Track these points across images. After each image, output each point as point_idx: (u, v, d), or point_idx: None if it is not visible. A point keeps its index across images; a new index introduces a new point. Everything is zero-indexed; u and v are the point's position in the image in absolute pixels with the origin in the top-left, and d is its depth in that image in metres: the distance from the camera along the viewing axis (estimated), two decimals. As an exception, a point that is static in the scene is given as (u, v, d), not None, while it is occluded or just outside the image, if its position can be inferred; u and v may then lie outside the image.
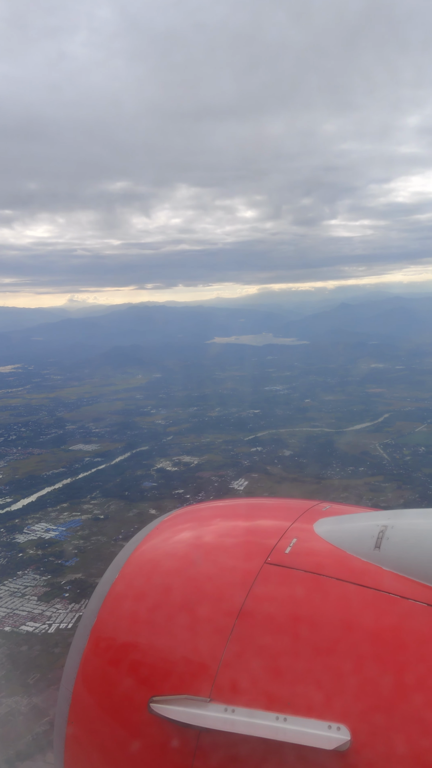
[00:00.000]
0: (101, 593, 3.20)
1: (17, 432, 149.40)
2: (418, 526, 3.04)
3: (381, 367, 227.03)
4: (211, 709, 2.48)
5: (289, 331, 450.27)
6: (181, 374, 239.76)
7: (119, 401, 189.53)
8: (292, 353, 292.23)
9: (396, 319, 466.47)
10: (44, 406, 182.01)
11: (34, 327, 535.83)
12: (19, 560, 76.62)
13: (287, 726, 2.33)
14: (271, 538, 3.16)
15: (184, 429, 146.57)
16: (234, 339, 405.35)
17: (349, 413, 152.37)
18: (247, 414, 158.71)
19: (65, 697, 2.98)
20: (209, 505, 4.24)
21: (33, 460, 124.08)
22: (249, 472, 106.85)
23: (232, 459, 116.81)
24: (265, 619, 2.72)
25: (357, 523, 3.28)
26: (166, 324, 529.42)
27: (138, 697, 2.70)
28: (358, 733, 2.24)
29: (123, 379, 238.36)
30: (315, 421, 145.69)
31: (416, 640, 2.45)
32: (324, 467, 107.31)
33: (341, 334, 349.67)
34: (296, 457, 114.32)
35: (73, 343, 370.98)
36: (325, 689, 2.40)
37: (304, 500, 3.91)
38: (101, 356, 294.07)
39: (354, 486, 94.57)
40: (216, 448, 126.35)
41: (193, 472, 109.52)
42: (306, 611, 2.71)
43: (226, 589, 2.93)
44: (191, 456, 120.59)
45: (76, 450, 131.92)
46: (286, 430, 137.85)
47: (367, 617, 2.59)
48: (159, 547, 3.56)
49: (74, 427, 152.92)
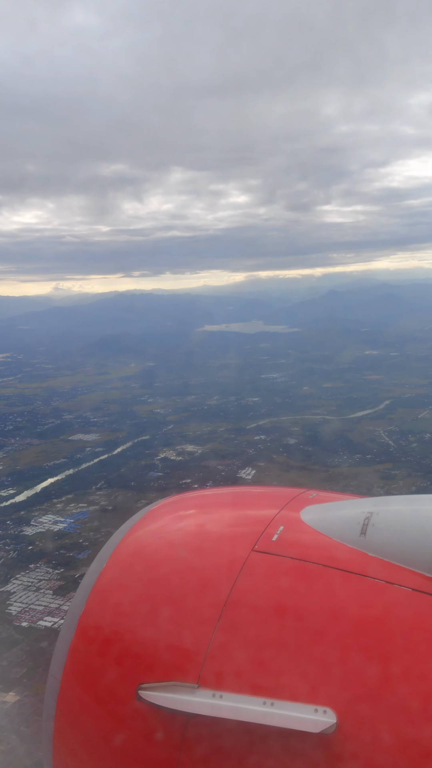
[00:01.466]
0: (88, 583, 3.20)
1: (14, 422, 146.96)
2: (403, 512, 3.07)
3: (375, 354, 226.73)
4: (199, 695, 2.50)
5: (279, 318, 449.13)
6: (175, 363, 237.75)
7: (115, 390, 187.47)
8: (284, 341, 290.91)
9: (385, 305, 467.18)
10: (38, 396, 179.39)
11: (20, 316, 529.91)
12: (29, 553, 75.02)
13: (274, 710, 2.35)
14: (258, 525, 3.17)
15: (184, 418, 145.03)
16: (224, 327, 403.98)
17: (350, 400, 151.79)
18: (247, 402, 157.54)
19: (53, 687, 3.00)
20: (196, 494, 4.22)
21: (33, 450, 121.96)
22: (255, 461, 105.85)
23: (236, 448, 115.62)
24: (252, 606, 2.74)
25: (343, 511, 3.28)
26: (154, 312, 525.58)
27: (126, 684, 2.71)
28: (345, 717, 2.27)
29: (116, 368, 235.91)
30: (316, 409, 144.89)
31: (402, 624, 2.49)
32: (331, 455, 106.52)
33: (331, 321, 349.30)
34: (301, 446, 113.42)
35: (61, 331, 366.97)
36: (312, 674, 2.43)
37: (291, 488, 3.89)
38: (92, 345, 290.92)
39: (364, 474, 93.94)
40: (218, 436, 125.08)
41: (198, 462, 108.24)
42: (293, 598, 2.74)
43: (213, 577, 2.95)
44: (194, 445, 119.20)
45: (76, 440, 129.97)
46: (287, 418, 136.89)
47: (353, 603, 2.62)
48: (146, 537, 3.54)
49: (72, 417, 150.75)
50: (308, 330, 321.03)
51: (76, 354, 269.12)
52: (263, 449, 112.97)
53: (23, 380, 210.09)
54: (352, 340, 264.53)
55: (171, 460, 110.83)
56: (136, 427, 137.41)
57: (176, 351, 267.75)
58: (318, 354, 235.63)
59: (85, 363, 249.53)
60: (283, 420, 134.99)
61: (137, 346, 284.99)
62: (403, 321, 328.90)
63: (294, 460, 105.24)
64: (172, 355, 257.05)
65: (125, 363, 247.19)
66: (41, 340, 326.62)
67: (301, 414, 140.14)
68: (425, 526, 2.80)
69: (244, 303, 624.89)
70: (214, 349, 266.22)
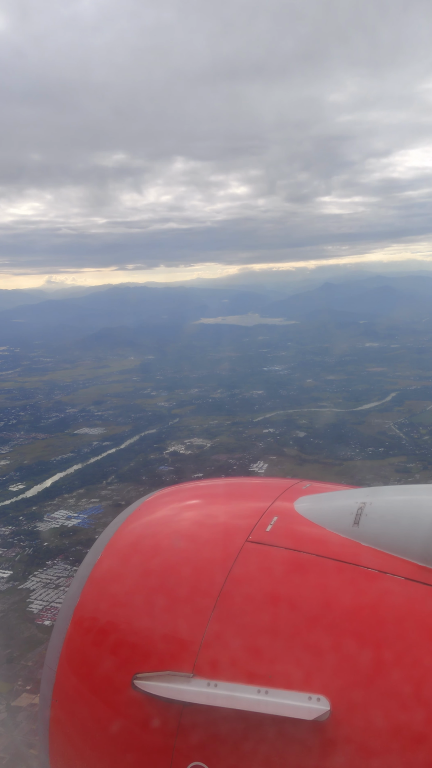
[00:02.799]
0: (84, 574, 3.23)
1: (16, 416, 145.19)
2: (396, 502, 3.10)
3: (376, 346, 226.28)
4: (194, 684, 2.53)
5: (275, 311, 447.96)
6: (175, 355, 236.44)
7: (116, 383, 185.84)
8: (282, 333, 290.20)
9: (380, 298, 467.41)
10: (39, 390, 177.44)
11: (13, 309, 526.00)
12: (45, 549, 73.76)
13: (268, 698, 2.39)
14: (252, 516, 3.21)
15: (189, 411, 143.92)
16: (221, 320, 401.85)
17: (355, 393, 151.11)
18: (251, 395, 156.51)
19: (49, 677, 3.04)
20: (191, 485, 4.22)
21: (39, 445, 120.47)
22: (266, 455, 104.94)
23: (245, 441, 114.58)
24: (247, 595, 2.78)
25: (336, 501, 3.31)
26: (148, 305, 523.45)
27: (121, 674, 2.74)
28: (338, 704, 2.31)
29: (115, 361, 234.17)
30: (322, 402, 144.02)
31: (395, 612, 2.53)
32: (343, 448, 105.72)
33: (328, 314, 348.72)
34: (312, 438, 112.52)
35: (57, 324, 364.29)
36: (306, 663, 2.46)
37: (285, 479, 3.94)
38: (89, 338, 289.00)
39: (378, 467, 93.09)
40: (226, 430, 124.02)
41: (208, 455, 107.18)
42: (287, 588, 2.77)
43: (208, 567, 2.98)
44: (202, 439, 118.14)
45: (81, 434, 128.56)
46: (294, 410, 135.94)
47: (347, 592, 2.66)
48: (141, 528, 3.55)
49: (75, 411, 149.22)
50: (306, 322, 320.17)
51: (74, 347, 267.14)
52: (273, 442, 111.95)
53: (22, 374, 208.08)
54: (351, 332, 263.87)
55: (180, 454, 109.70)
56: (141, 421, 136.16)
57: (174, 344, 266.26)
58: (318, 346, 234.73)
59: (84, 356, 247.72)
60: (290, 413, 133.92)
61: (135, 339, 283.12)
62: (399, 313, 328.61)
63: (306, 454, 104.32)
64: (171, 348, 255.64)
65: (124, 356, 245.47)
66: (37, 333, 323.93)
67: (307, 407, 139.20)
68: (417, 516, 2.83)
69: (239, 296, 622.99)
70: (213, 342, 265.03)
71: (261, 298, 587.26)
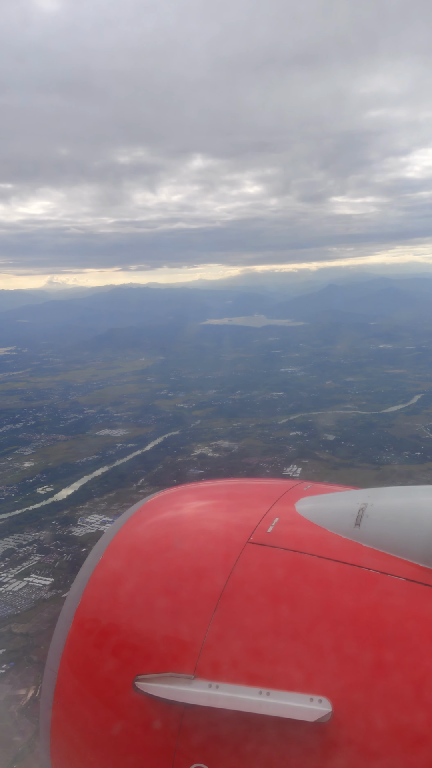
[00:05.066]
0: (85, 575, 3.24)
1: (34, 417, 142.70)
2: (397, 503, 3.10)
3: (390, 348, 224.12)
4: (196, 685, 2.54)
5: (281, 312, 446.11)
6: (185, 356, 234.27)
7: (131, 384, 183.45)
8: (293, 334, 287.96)
9: (385, 299, 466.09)
10: (53, 390, 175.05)
11: (17, 309, 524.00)
12: (84, 556, 70.84)
13: (270, 700, 2.39)
14: (254, 517, 3.21)
15: (210, 413, 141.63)
16: (227, 320, 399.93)
17: (378, 395, 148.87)
18: (271, 397, 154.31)
19: (50, 679, 3.06)
20: (193, 486, 4.19)
21: (61, 446, 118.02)
22: (298, 458, 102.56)
23: (273, 444, 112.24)
24: (248, 597, 2.78)
25: (337, 502, 3.30)
26: (151, 306, 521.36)
27: (123, 676, 2.75)
28: (340, 705, 2.31)
29: (126, 362, 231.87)
30: (345, 404, 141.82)
31: (396, 613, 2.54)
32: (377, 452, 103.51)
33: (336, 315, 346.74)
34: (342, 442, 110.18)
35: (62, 325, 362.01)
36: (308, 664, 2.46)
37: (286, 480, 3.93)
38: (96, 339, 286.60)
39: (417, 472, 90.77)
40: (251, 432, 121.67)
41: (238, 459, 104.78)
42: (288, 589, 2.78)
43: (209, 568, 2.98)
44: (229, 441, 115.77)
45: (103, 435, 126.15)
46: (318, 413, 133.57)
47: (348, 593, 2.66)
48: (143, 529, 3.56)
49: (94, 412, 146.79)
50: (314, 324, 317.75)
51: (82, 348, 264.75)
52: (302, 446, 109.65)
53: (34, 374, 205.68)
54: (362, 334, 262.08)
55: (209, 457, 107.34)
56: (162, 423, 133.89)
57: (183, 344, 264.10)
58: (331, 348, 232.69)
59: (94, 357, 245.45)
60: (314, 415, 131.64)
61: (142, 340, 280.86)
62: (406, 315, 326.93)
63: (339, 457, 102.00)
64: (181, 349, 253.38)
65: (134, 357, 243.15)
66: (43, 334, 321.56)
67: (331, 409, 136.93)
68: (419, 517, 2.83)
69: (242, 297, 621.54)
70: (222, 343, 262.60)
71: (264, 300, 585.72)
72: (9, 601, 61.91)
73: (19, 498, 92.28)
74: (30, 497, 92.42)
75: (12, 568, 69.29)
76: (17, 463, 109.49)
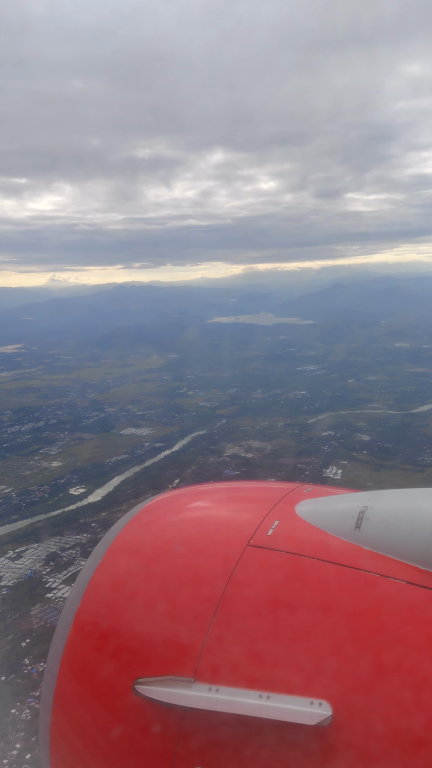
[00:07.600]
0: (85, 579, 3.23)
1: (54, 415, 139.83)
2: (397, 506, 3.10)
3: (407, 347, 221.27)
4: (196, 689, 2.53)
5: (287, 310, 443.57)
6: (198, 354, 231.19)
7: (148, 382, 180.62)
8: (304, 333, 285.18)
9: (391, 298, 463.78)
10: (69, 388, 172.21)
11: (20, 307, 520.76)
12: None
13: (270, 703, 2.38)
14: (254, 520, 3.21)
15: (234, 412, 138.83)
16: (234, 319, 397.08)
17: (405, 394, 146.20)
18: (294, 396, 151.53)
19: (50, 682, 3.05)
20: (192, 489, 4.19)
21: (87, 446, 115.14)
22: (335, 459, 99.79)
23: (306, 444, 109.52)
24: (248, 600, 2.78)
25: (338, 505, 3.31)
26: (155, 304, 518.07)
27: (123, 679, 2.75)
28: (340, 709, 2.31)
29: (138, 360, 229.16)
30: (372, 403, 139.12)
31: (396, 616, 2.54)
32: (417, 453, 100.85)
33: (345, 314, 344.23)
34: (378, 442, 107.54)
35: (68, 323, 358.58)
36: (308, 667, 2.46)
37: (286, 482, 3.92)
38: (105, 336, 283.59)
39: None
40: (281, 432, 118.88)
41: (273, 459, 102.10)
42: (288, 592, 2.77)
43: (209, 571, 2.98)
44: (260, 441, 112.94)
45: (128, 434, 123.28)
46: (346, 412, 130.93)
47: (348, 596, 2.66)
48: (142, 532, 3.54)
49: (115, 410, 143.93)
50: (324, 322, 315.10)
51: (92, 345, 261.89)
52: (337, 446, 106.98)
53: (47, 372, 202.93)
54: (376, 332, 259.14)
55: (241, 457, 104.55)
56: (187, 422, 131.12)
57: (194, 342, 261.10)
58: (346, 346, 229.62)
59: (105, 354, 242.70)
60: (342, 414, 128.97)
61: (151, 338, 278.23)
62: (416, 314, 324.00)
63: (378, 459, 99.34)
64: (192, 347, 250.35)
65: (146, 354, 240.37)
66: (49, 332, 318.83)
67: (359, 408, 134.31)
68: (419, 520, 2.82)
69: (246, 295, 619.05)
70: (233, 341, 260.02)
71: (268, 298, 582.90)
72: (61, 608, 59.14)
73: (52, 499, 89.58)
74: (64, 498, 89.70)
75: (58, 573, 66.81)
76: (44, 462, 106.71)
